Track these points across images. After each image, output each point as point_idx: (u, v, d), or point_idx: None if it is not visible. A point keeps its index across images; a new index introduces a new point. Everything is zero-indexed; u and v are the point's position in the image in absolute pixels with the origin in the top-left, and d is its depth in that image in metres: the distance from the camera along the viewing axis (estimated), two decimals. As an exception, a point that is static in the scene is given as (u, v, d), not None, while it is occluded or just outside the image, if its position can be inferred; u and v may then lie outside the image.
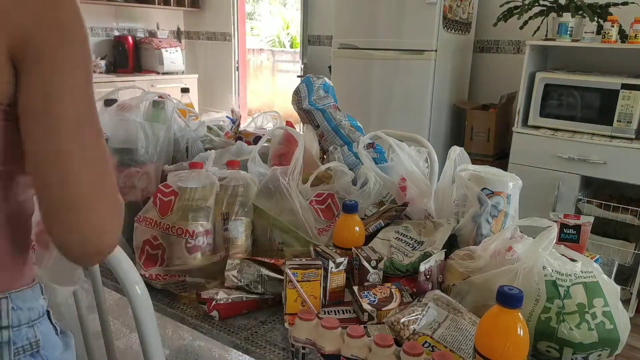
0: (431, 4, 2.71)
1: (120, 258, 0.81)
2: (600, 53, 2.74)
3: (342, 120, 1.53)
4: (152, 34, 4.72)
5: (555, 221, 1.07)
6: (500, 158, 2.92)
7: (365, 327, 0.83)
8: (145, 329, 0.81)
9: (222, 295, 0.93)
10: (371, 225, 1.14)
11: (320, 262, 0.93)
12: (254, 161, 1.21)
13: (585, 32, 2.45)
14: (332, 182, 1.28)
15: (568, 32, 2.49)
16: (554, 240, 0.86)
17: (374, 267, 0.96)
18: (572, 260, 0.87)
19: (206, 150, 1.46)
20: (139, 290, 0.80)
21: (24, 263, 0.61)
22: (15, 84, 0.53)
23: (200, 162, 1.11)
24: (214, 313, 0.93)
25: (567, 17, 2.50)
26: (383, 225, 1.16)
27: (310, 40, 4.11)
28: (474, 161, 1.21)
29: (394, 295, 0.92)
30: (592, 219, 1.09)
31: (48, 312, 0.64)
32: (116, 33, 4.54)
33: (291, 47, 6.96)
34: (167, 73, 4.49)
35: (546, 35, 2.71)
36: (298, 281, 0.89)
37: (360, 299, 0.90)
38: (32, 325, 0.59)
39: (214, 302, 0.92)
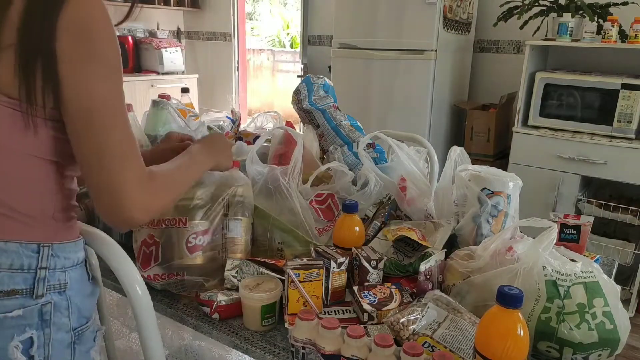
0: (431, 4, 2.71)
1: (121, 258, 0.81)
2: (600, 53, 2.74)
3: (342, 120, 1.53)
4: (152, 34, 4.72)
5: (555, 221, 1.07)
6: (500, 158, 2.92)
7: (365, 327, 0.83)
8: (146, 330, 0.81)
9: (222, 297, 0.93)
10: (369, 229, 1.15)
11: (322, 262, 0.93)
12: (253, 160, 1.21)
13: (585, 32, 2.45)
14: (332, 182, 1.27)
15: (568, 32, 2.49)
16: (554, 241, 0.86)
17: (374, 267, 0.96)
18: (572, 260, 0.87)
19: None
20: (140, 290, 0.80)
21: (67, 224, 0.79)
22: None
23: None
24: (215, 315, 0.93)
25: (567, 17, 2.50)
26: (379, 225, 1.17)
27: (310, 40, 4.11)
28: (474, 161, 1.21)
29: (394, 295, 0.92)
30: (592, 219, 1.09)
31: (85, 261, 0.82)
32: (116, 33, 4.54)
33: (291, 47, 6.96)
34: (167, 73, 4.49)
35: (546, 35, 2.71)
36: (300, 281, 0.89)
37: (360, 299, 0.90)
38: (64, 270, 0.76)
39: (215, 305, 0.92)
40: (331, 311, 0.93)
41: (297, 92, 1.55)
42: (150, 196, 0.76)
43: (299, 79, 3.92)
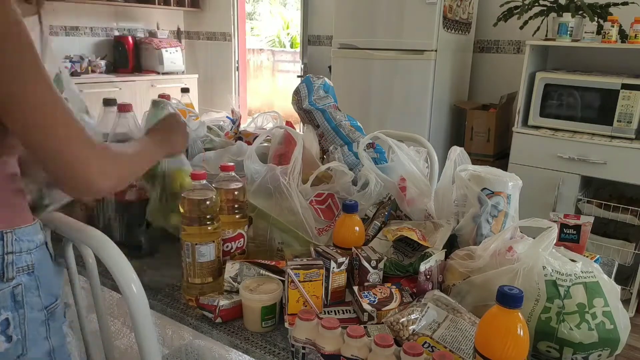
0: (431, 4, 2.71)
1: (116, 257, 0.81)
2: (600, 53, 2.74)
3: (342, 120, 1.53)
4: (152, 34, 4.73)
5: (556, 221, 1.07)
6: (500, 158, 2.92)
7: (365, 327, 0.83)
8: (142, 329, 0.81)
9: (223, 302, 0.93)
10: (369, 229, 1.15)
11: (322, 262, 0.93)
12: (251, 159, 1.20)
13: (585, 32, 2.45)
14: (332, 182, 1.27)
15: (568, 32, 2.49)
16: (554, 241, 0.86)
17: (374, 267, 0.96)
18: (572, 260, 0.87)
19: (206, 150, 1.46)
20: (135, 289, 0.80)
21: (21, 208, 0.81)
22: None
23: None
24: (218, 320, 0.93)
25: (567, 17, 2.50)
26: (379, 225, 1.16)
27: (310, 40, 4.11)
28: (474, 161, 1.21)
29: (394, 295, 0.92)
30: (592, 219, 1.09)
31: (46, 242, 0.84)
32: (116, 33, 4.54)
33: (291, 47, 6.97)
34: (167, 73, 4.49)
35: (546, 35, 2.71)
36: (300, 281, 0.89)
37: (361, 299, 0.90)
38: (29, 252, 0.79)
39: (217, 309, 0.92)
40: (331, 311, 0.93)
41: (297, 92, 1.55)
42: (107, 161, 0.77)
43: (299, 79, 3.92)
